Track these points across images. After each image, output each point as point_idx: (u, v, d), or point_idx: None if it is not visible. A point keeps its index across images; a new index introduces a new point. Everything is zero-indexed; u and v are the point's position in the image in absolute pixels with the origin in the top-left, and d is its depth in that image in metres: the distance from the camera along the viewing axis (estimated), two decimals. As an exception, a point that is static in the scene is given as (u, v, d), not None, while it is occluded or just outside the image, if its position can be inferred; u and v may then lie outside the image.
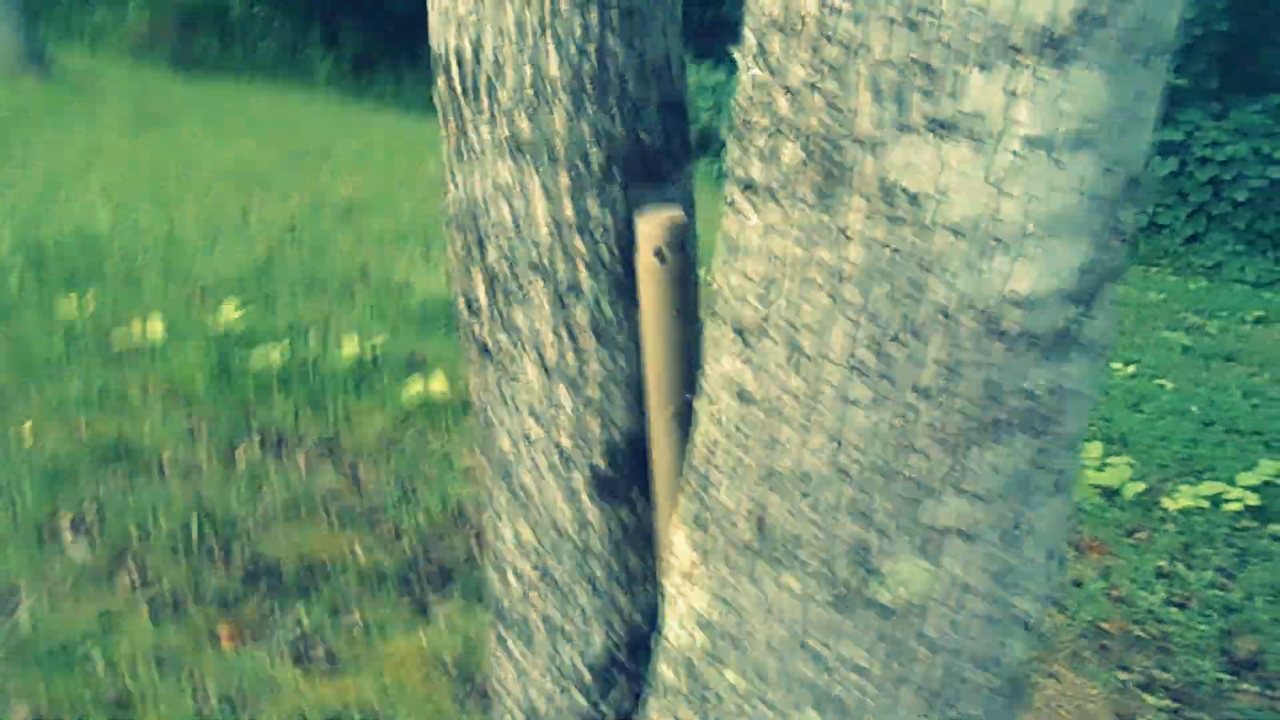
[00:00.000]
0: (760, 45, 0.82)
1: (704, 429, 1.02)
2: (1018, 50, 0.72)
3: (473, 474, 3.25)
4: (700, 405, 1.04)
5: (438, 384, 3.78)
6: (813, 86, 0.79)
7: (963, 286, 0.80)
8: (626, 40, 1.09)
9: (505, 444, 1.26)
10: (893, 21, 0.74)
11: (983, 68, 0.73)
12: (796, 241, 0.85)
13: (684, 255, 1.10)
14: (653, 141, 1.15)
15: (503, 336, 1.20)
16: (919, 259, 0.80)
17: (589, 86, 1.09)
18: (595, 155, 1.11)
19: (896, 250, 0.80)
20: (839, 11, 0.75)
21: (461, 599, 2.67)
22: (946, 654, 0.98)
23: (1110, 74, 0.75)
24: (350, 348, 3.99)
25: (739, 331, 0.93)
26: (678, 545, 1.10)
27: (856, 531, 0.93)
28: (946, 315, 0.82)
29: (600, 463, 1.23)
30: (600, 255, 1.15)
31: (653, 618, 1.32)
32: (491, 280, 1.18)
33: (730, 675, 1.06)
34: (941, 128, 0.75)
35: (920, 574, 0.94)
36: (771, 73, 0.82)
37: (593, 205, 1.13)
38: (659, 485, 1.22)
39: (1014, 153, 0.75)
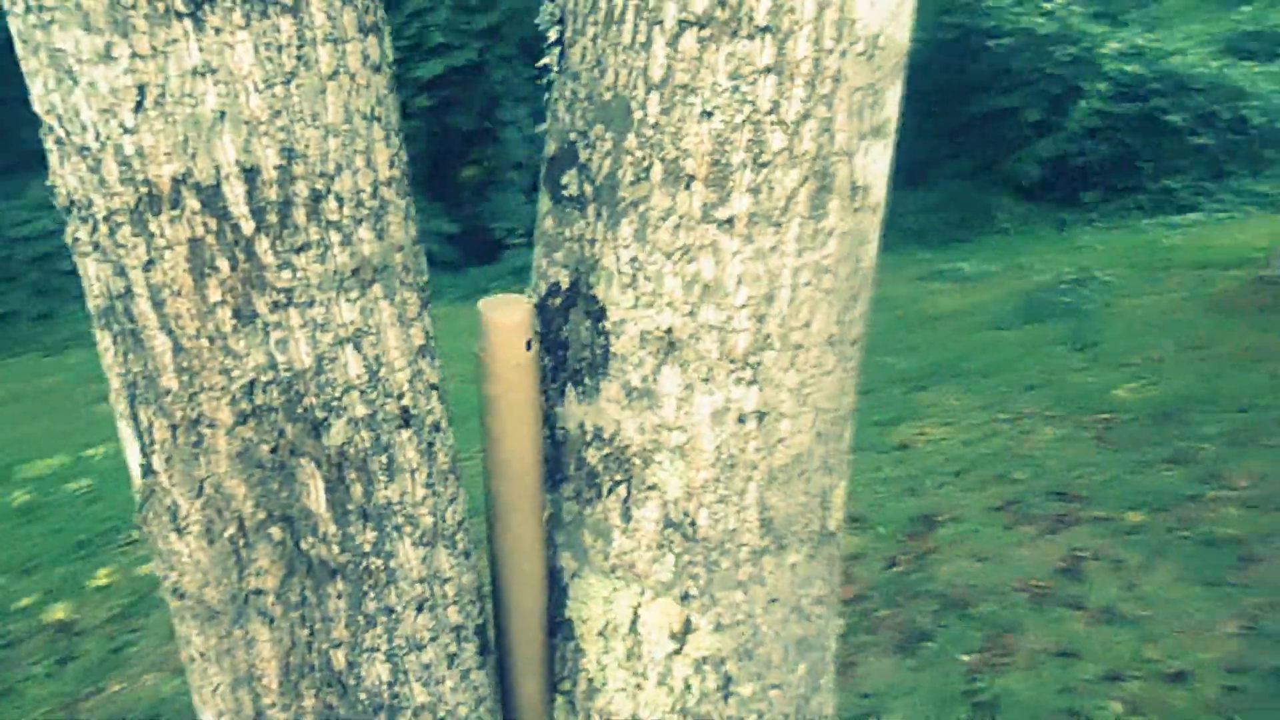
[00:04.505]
0: (755, 92, 0.88)
1: (682, 481, 1.00)
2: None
3: None
4: (660, 467, 1.00)
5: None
6: (807, 116, 0.90)
7: (874, 247, 1.05)
8: (398, 110, 0.90)
9: (381, 674, 0.92)
10: (860, 52, 0.92)
11: (893, 80, 0.97)
12: (793, 253, 0.95)
13: (538, 338, 0.99)
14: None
15: (364, 535, 0.87)
16: (863, 235, 1.01)
17: (405, 177, 0.87)
18: (423, 259, 0.90)
19: (855, 234, 0.99)
20: (828, 52, 0.89)
21: None
22: (837, 536, 1.21)
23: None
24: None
25: (731, 360, 0.97)
26: (652, 622, 1.04)
27: (825, 482, 1.09)
28: (868, 273, 1.05)
29: (480, 620, 1.02)
30: (440, 376, 0.94)
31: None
32: (339, 470, 0.84)
33: (745, 689, 1.09)
34: (875, 133, 0.97)
35: (840, 488, 1.15)
36: (763, 114, 0.89)
37: (428, 321, 0.91)
38: (526, 600, 1.07)
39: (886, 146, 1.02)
